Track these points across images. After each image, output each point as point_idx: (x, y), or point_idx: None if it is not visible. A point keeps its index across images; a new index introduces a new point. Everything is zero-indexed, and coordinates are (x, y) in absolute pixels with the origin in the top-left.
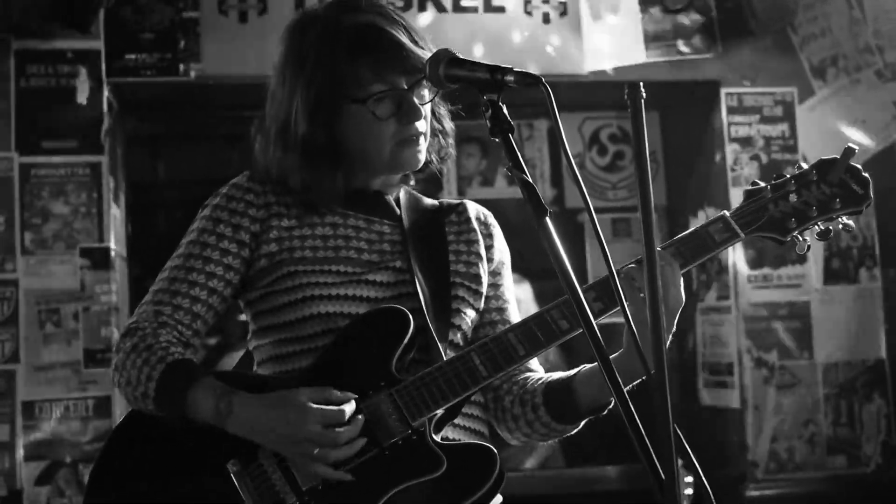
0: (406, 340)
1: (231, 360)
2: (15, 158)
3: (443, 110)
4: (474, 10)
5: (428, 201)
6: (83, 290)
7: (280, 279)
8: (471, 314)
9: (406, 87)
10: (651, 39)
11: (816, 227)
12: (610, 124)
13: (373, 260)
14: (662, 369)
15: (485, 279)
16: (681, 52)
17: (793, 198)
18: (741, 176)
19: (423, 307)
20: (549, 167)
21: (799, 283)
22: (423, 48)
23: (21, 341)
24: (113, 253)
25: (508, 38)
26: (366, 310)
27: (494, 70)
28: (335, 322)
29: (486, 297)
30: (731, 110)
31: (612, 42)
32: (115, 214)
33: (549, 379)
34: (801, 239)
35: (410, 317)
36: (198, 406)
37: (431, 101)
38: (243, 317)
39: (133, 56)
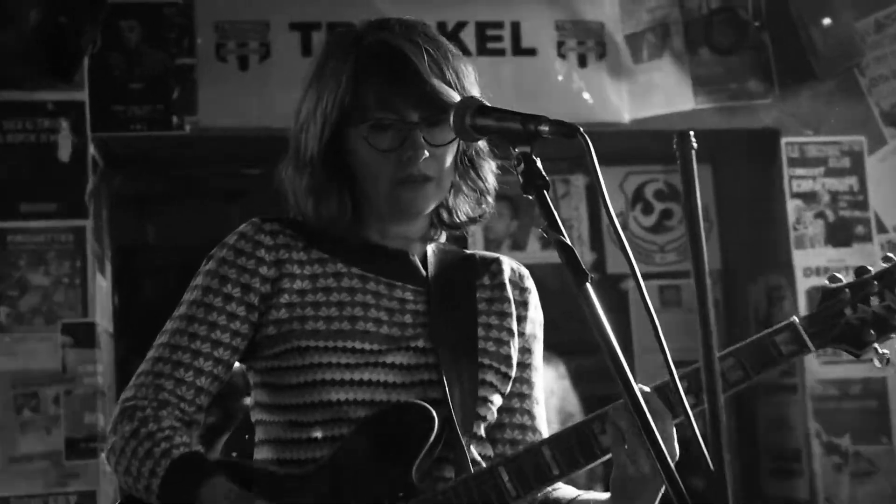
0: (429, 445)
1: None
2: None
3: (486, 165)
4: (501, 52)
5: (459, 255)
6: (65, 371)
7: (288, 354)
8: (497, 401)
9: (415, 121)
10: (700, 83)
11: None
12: (656, 179)
13: (393, 335)
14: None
15: (514, 360)
16: (734, 97)
17: (874, 301)
18: (805, 236)
19: (448, 398)
20: (588, 228)
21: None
22: (448, 81)
23: None
24: (98, 329)
25: (541, 83)
26: (383, 397)
27: (527, 119)
28: (347, 412)
29: (517, 380)
30: (792, 162)
31: (656, 87)
32: (101, 285)
33: (580, 501)
34: (880, 351)
35: (435, 417)
36: None
37: (456, 142)
38: (248, 400)
39: (121, 107)
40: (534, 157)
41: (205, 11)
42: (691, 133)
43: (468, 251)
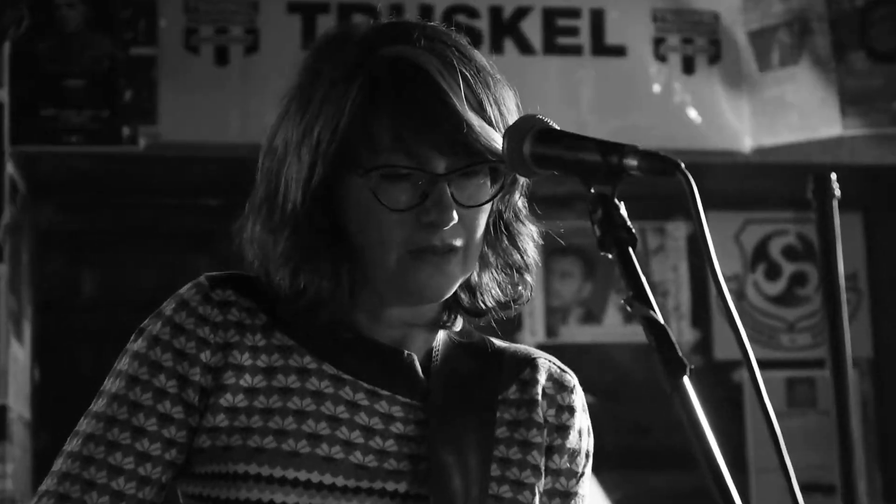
0: None
1: None
2: None
3: (526, 231)
4: (577, 50)
5: (480, 352)
6: None
7: (219, 481)
8: None
9: (442, 172)
10: (851, 101)
11: None
12: (785, 231)
13: (366, 466)
14: None
15: None
16: None
17: None
18: None
19: None
20: (690, 297)
21: None
22: (490, 119)
23: None
24: (11, 415)
25: (630, 95)
26: None
27: (609, 149)
28: None
29: None
30: None
31: (789, 104)
32: (17, 356)
33: None
34: None
35: None
36: None
37: (491, 201)
38: None
39: (52, 112)
40: (617, 200)
41: None
42: (833, 175)
43: (497, 343)
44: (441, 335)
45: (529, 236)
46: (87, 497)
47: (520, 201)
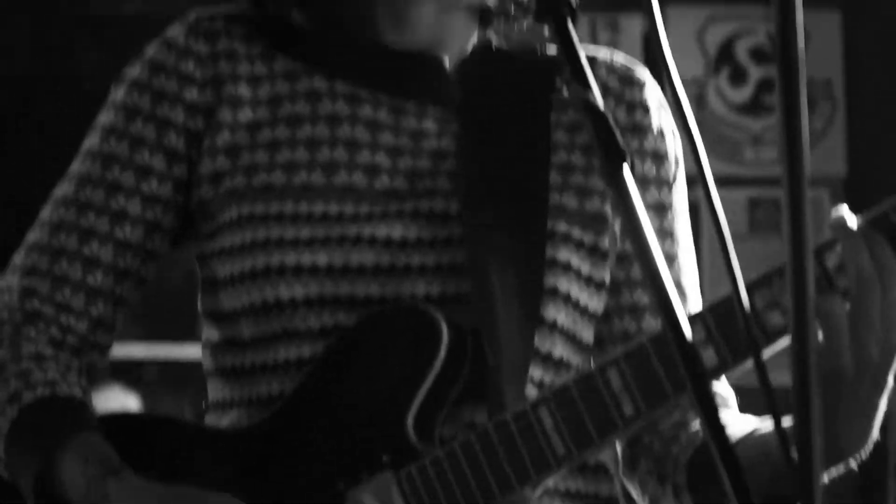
0: (433, 375)
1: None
2: None
3: None
4: None
5: (524, 54)
6: None
7: (221, 230)
8: (584, 296)
9: None
10: None
11: None
12: (754, 29)
13: (395, 189)
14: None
15: (612, 219)
16: None
17: None
18: None
19: (482, 292)
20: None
21: None
22: None
23: None
24: None
25: None
26: (368, 292)
27: None
28: (303, 319)
29: (621, 258)
30: None
31: None
32: None
33: (699, 444)
34: None
35: (442, 326)
36: (63, 481)
37: None
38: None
39: None
40: None
41: None
42: None
43: (539, 50)
44: (476, 40)
45: None
46: (56, 267)
47: None
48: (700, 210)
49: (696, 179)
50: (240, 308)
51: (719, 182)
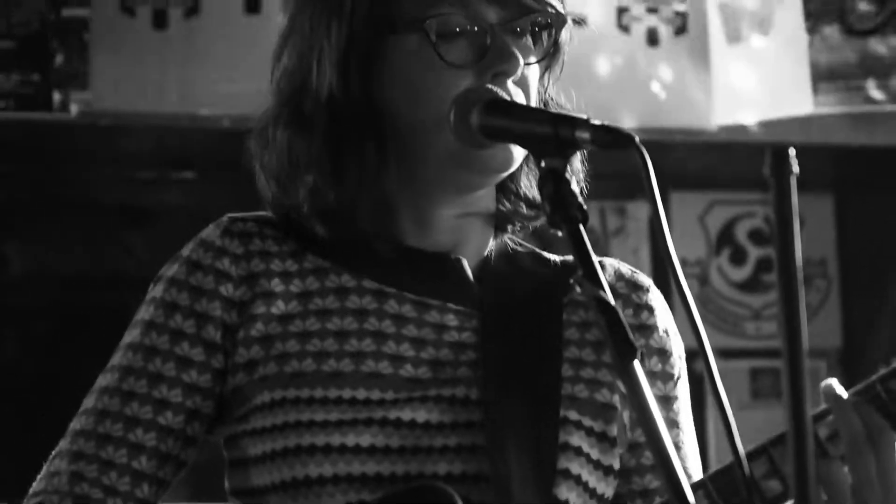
0: None
1: None
2: None
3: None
4: None
5: (538, 258)
6: None
7: (253, 413)
8: (592, 479)
9: (494, 21)
10: (823, 77)
11: None
12: (752, 213)
13: (420, 378)
14: None
15: (620, 410)
16: (872, 101)
17: None
18: None
19: (499, 472)
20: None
21: None
22: None
23: None
24: None
25: (590, 67)
26: (392, 470)
27: (561, 122)
28: (329, 497)
29: (633, 446)
30: None
31: (758, 79)
32: None
33: None
34: None
35: None
36: None
37: (541, 62)
38: None
39: None
40: (568, 175)
41: None
42: (791, 150)
43: (550, 255)
44: (494, 243)
45: None
46: (103, 452)
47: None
48: (705, 380)
49: (697, 353)
50: (269, 484)
51: (723, 353)
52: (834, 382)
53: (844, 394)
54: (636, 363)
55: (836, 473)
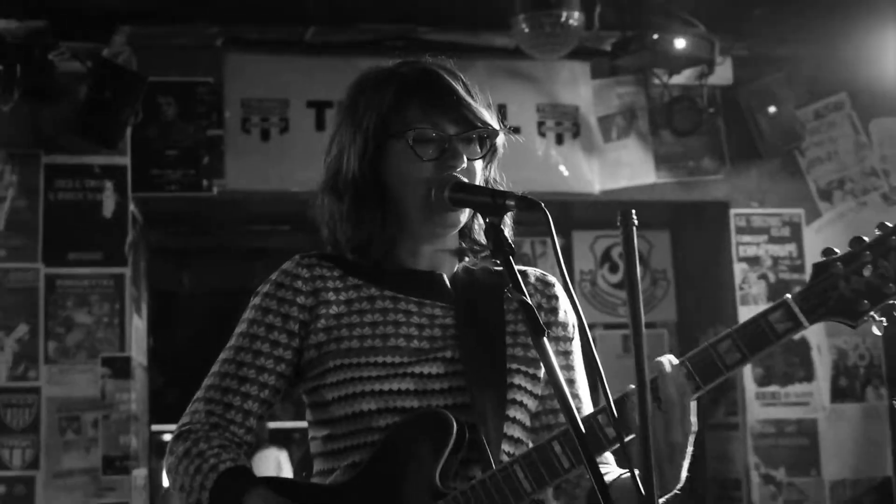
0: (448, 449)
1: (259, 461)
2: (41, 269)
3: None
4: None
5: (488, 271)
6: (104, 398)
7: (326, 373)
8: (530, 403)
9: (452, 133)
10: (662, 160)
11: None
12: (621, 243)
13: (422, 347)
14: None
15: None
16: (691, 173)
17: (867, 271)
18: (749, 295)
19: (475, 402)
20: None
21: (807, 400)
22: (479, 103)
23: (42, 448)
24: (134, 362)
25: (523, 157)
26: (413, 404)
27: (496, 194)
28: (377, 420)
29: (545, 383)
30: (739, 230)
31: (623, 163)
32: (137, 325)
33: (591, 487)
34: (877, 319)
35: (453, 423)
36: None
37: (482, 158)
38: (271, 424)
39: (158, 171)
40: (501, 227)
41: (233, 90)
42: (633, 211)
43: (497, 268)
44: (461, 264)
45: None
46: (226, 398)
47: (497, 174)
48: (598, 342)
49: (596, 325)
50: (343, 415)
51: (606, 326)
52: (663, 358)
53: (668, 367)
54: (545, 339)
55: (657, 414)
